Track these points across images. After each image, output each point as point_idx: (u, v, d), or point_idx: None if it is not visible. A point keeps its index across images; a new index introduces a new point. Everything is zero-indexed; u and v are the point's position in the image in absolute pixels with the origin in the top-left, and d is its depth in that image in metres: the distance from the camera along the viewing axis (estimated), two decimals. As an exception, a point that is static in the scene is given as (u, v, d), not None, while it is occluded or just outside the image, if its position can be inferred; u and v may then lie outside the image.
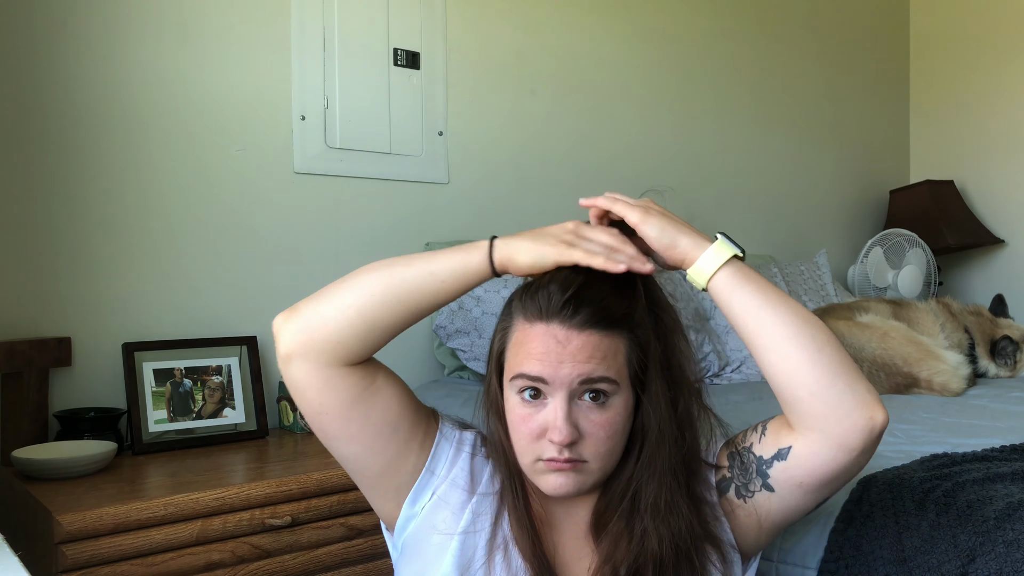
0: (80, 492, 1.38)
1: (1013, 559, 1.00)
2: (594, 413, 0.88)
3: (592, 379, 0.87)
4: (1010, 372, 2.37)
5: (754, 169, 3.02)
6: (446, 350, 2.15)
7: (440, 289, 0.91)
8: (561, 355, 0.86)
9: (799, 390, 0.86)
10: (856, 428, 0.85)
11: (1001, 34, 3.26)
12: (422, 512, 0.96)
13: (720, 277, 0.89)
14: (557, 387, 0.87)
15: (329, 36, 2.06)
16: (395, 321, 0.91)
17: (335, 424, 0.93)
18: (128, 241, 1.80)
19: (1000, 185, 3.27)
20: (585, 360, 0.86)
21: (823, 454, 0.87)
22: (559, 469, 0.88)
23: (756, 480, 0.93)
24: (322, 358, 0.90)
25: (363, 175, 2.12)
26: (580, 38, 2.54)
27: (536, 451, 0.89)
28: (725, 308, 0.90)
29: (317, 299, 0.92)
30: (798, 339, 0.87)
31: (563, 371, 0.86)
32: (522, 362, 0.88)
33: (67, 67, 1.73)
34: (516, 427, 0.90)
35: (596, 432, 0.88)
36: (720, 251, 0.90)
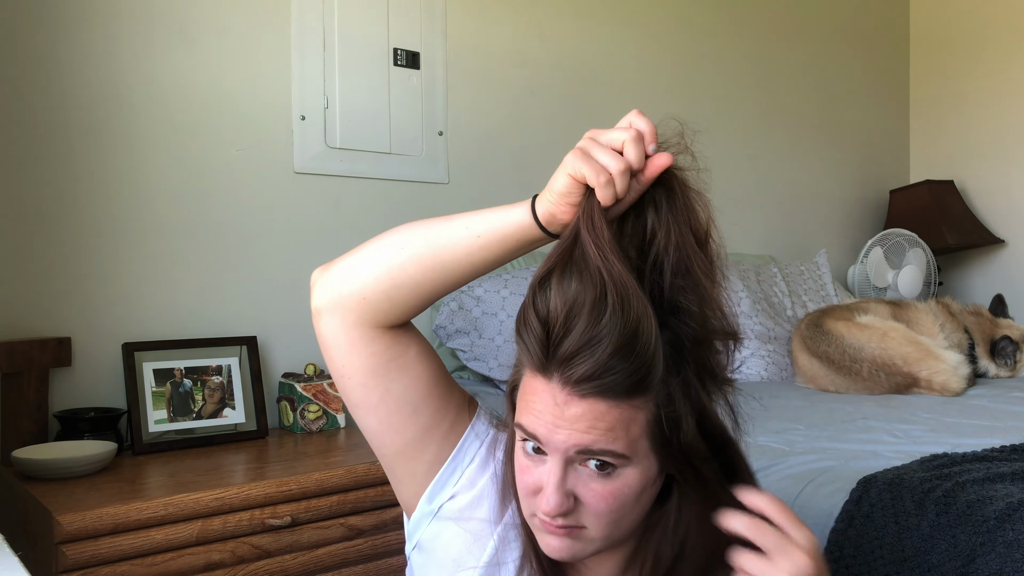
0: (80, 492, 1.38)
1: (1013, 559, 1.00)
2: (596, 483, 0.75)
3: (592, 451, 0.74)
4: (1010, 372, 2.37)
5: (754, 169, 3.02)
6: (446, 350, 2.15)
7: (476, 245, 0.81)
8: (557, 420, 0.74)
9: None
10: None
11: (1001, 34, 3.26)
12: (439, 512, 0.88)
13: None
14: (552, 451, 0.75)
15: (329, 36, 2.06)
16: (424, 280, 0.82)
17: (357, 390, 0.86)
18: (128, 241, 1.80)
19: (1000, 185, 3.27)
20: (584, 431, 0.73)
21: None
22: (552, 532, 0.77)
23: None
24: (350, 316, 0.84)
25: (363, 175, 2.12)
26: (580, 38, 2.54)
27: (532, 507, 0.79)
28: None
29: (352, 253, 0.86)
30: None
31: (558, 437, 0.74)
32: (523, 412, 0.78)
33: (66, 67, 1.73)
34: (518, 476, 0.81)
35: (597, 503, 0.76)
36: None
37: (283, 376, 1.94)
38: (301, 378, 1.91)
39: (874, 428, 1.64)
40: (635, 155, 0.77)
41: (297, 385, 1.86)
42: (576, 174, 0.76)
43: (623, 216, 0.79)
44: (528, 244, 0.82)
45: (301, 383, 1.87)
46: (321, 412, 1.86)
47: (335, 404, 1.89)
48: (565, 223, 0.79)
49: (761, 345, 2.36)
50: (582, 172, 0.75)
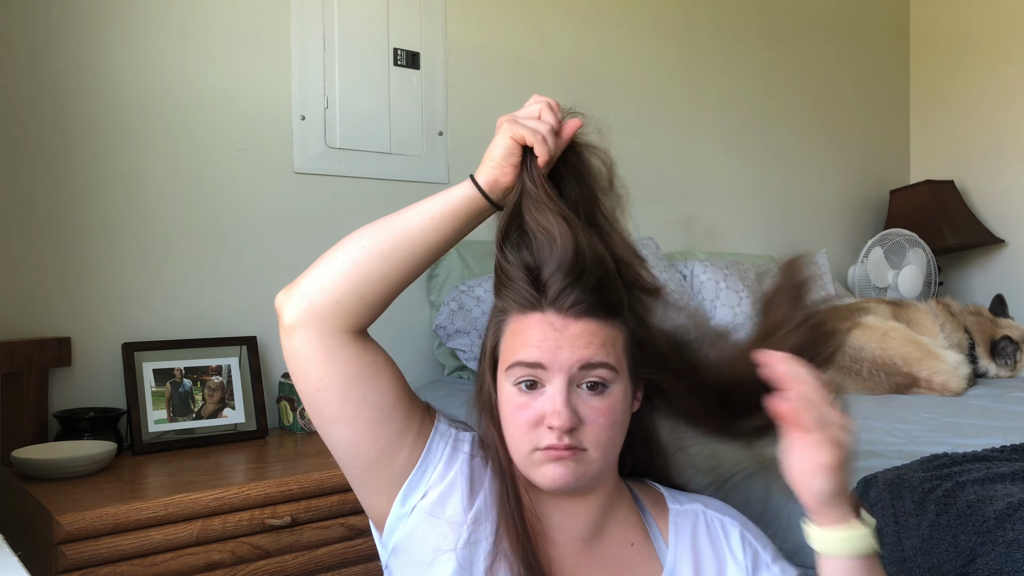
0: (80, 492, 1.38)
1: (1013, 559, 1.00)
2: (593, 400, 0.87)
3: (592, 364, 0.86)
4: (1010, 372, 2.37)
5: (754, 169, 3.02)
6: (446, 350, 2.15)
7: (430, 226, 0.91)
8: (559, 341, 0.86)
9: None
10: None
11: (1001, 34, 3.26)
12: (413, 512, 0.91)
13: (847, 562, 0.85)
14: (556, 372, 0.86)
15: (329, 36, 2.06)
16: (391, 270, 0.90)
17: (333, 403, 0.89)
18: (128, 241, 1.80)
19: (1000, 185, 3.27)
20: (584, 346, 0.86)
21: None
22: (559, 458, 0.86)
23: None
24: (324, 325, 0.88)
25: (363, 175, 2.12)
26: (580, 38, 2.54)
27: (533, 440, 0.87)
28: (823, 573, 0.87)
29: (313, 267, 0.92)
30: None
31: (562, 356, 0.85)
32: (518, 350, 0.87)
33: (67, 67, 1.73)
34: (512, 417, 0.88)
35: (596, 419, 0.87)
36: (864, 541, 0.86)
37: (283, 376, 1.94)
38: (301, 378, 1.90)
39: (874, 428, 1.64)
40: (554, 118, 0.92)
41: (297, 385, 1.86)
42: (516, 136, 0.90)
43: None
44: (476, 215, 0.92)
45: (301, 383, 1.87)
46: (321, 412, 1.86)
47: (335, 404, 1.89)
48: (506, 187, 0.91)
49: (761, 345, 2.36)
50: (521, 134, 0.89)
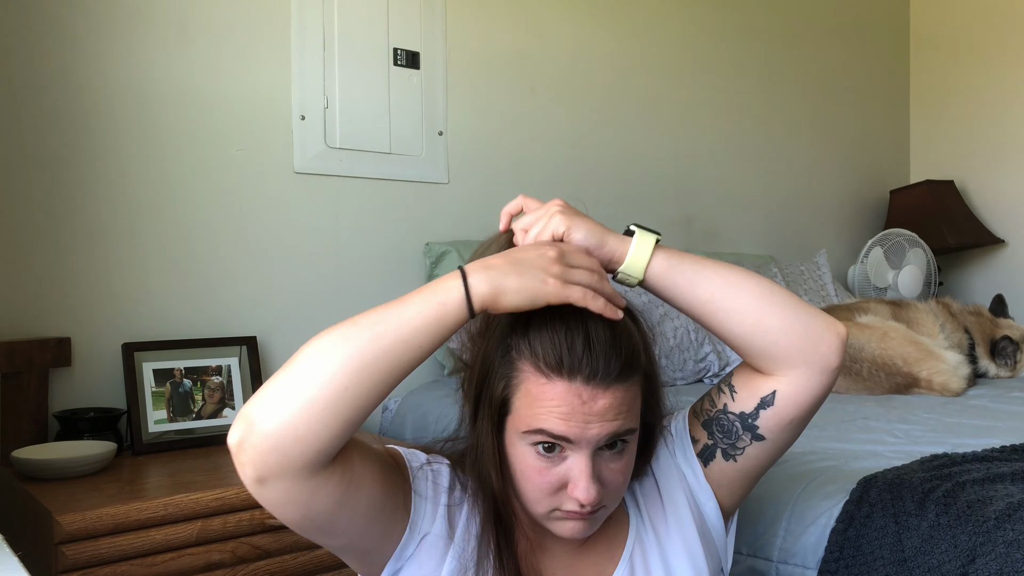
0: (80, 492, 1.38)
1: (1013, 559, 1.00)
2: (614, 462, 0.86)
3: (618, 434, 0.84)
4: (1010, 372, 2.37)
5: (754, 169, 3.02)
6: (446, 350, 2.15)
7: (416, 355, 0.79)
8: (588, 416, 0.81)
9: (771, 335, 0.88)
10: (832, 348, 0.89)
11: (1001, 34, 3.26)
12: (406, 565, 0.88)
13: (656, 264, 0.89)
14: (583, 446, 0.83)
15: (329, 36, 2.06)
16: (371, 404, 0.78)
17: (322, 529, 0.82)
18: (128, 241, 1.80)
19: (1000, 185, 3.27)
20: (612, 419, 0.82)
21: (810, 384, 0.90)
22: (580, 519, 0.86)
23: (744, 436, 0.94)
24: (302, 472, 0.76)
25: (363, 175, 2.12)
26: (580, 38, 2.54)
27: (554, 503, 0.85)
28: (668, 291, 0.90)
29: (276, 404, 0.75)
30: (750, 292, 0.88)
31: (591, 432, 0.82)
32: (541, 418, 0.82)
33: (66, 67, 1.73)
34: (529, 478, 0.85)
35: (615, 479, 0.87)
36: (645, 240, 0.89)
37: (283, 376, 1.93)
38: (301, 378, 1.90)
39: (874, 428, 1.64)
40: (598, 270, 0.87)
41: (297, 385, 1.86)
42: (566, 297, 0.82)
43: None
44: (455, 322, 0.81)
45: (301, 383, 1.87)
46: (321, 412, 1.86)
47: (335, 404, 1.89)
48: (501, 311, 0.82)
49: (761, 345, 2.36)
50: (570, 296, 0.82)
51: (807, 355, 0.89)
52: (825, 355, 0.89)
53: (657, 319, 2.18)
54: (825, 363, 0.89)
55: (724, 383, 0.96)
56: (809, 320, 0.89)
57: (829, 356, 0.89)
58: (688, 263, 0.89)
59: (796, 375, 0.90)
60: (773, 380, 0.91)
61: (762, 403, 0.92)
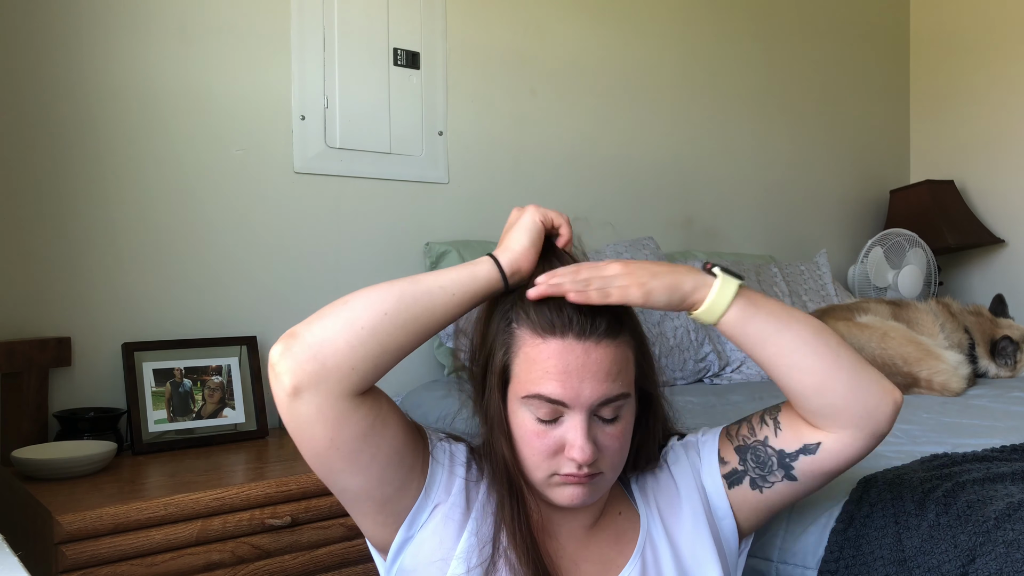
0: (80, 492, 1.38)
1: (1013, 559, 1.00)
2: (609, 427, 0.90)
3: (610, 398, 0.88)
4: (1010, 372, 2.37)
5: (754, 169, 3.02)
6: (446, 350, 2.15)
7: (451, 303, 0.88)
8: (582, 374, 0.86)
9: (831, 398, 0.89)
10: (886, 417, 0.91)
11: (1001, 34, 3.26)
12: (418, 534, 0.92)
13: (732, 314, 0.89)
14: (578, 408, 0.87)
15: (329, 36, 2.06)
16: (407, 342, 0.87)
17: (344, 459, 0.86)
18: (128, 241, 1.80)
19: (1000, 185, 3.27)
20: (603, 379, 0.87)
21: (857, 445, 0.92)
22: (578, 483, 0.89)
23: (778, 472, 0.96)
24: (336, 388, 0.83)
25: (363, 175, 2.12)
26: (580, 38, 2.54)
27: (552, 467, 0.89)
28: (738, 340, 0.91)
29: (321, 322, 0.84)
30: (817, 352, 0.89)
31: (584, 393, 0.86)
32: (538, 382, 0.87)
33: (66, 67, 1.73)
34: (528, 442, 0.89)
35: (611, 444, 0.90)
36: (726, 288, 0.89)
37: (283, 376, 1.93)
38: (301, 378, 1.90)
39: (874, 428, 1.64)
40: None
41: (297, 385, 1.86)
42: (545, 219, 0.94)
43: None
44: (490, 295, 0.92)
45: (301, 383, 1.87)
46: (321, 412, 1.86)
47: (335, 404, 1.89)
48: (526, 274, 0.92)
49: (761, 345, 2.36)
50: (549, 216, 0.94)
51: (862, 421, 0.90)
52: (879, 423, 0.91)
53: (657, 319, 2.18)
54: (878, 430, 0.91)
55: (769, 415, 0.98)
56: (870, 387, 0.90)
57: (883, 424, 0.91)
58: (762, 316, 0.90)
59: (847, 435, 0.91)
60: (822, 433, 0.93)
61: (805, 449, 0.94)
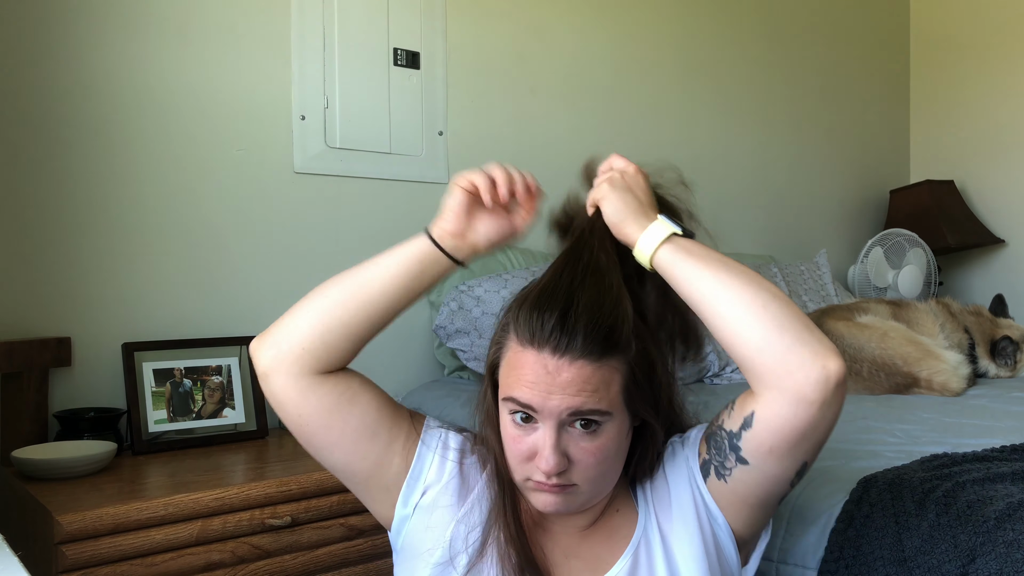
0: (80, 492, 1.38)
1: (1013, 559, 1.00)
2: (584, 440, 0.88)
3: (581, 411, 0.86)
4: (1010, 372, 2.37)
5: (754, 169, 3.02)
6: (446, 350, 2.15)
7: (387, 277, 0.94)
8: (551, 386, 0.85)
9: (747, 347, 0.86)
10: (809, 379, 0.83)
11: (1001, 34, 3.26)
12: (415, 512, 0.97)
13: (661, 254, 0.92)
14: (546, 416, 0.87)
15: (329, 36, 2.06)
16: (351, 320, 0.94)
17: (317, 433, 0.95)
18: (128, 241, 1.80)
19: (1000, 185, 3.27)
20: (575, 393, 0.85)
21: (783, 412, 0.85)
22: (550, 491, 0.89)
23: (730, 456, 0.91)
24: (294, 368, 0.93)
25: (363, 175, 2.12)
26: (580, 38, 2.54)
27: (526, 471, 0.90)
28: (672, 283, 0.92)
29: (283, 316, 0.96)
30: (742, 300, 0.87)
31: (551, 403, 0.85)
32: (512, 386, 0.88)
33: (66, 67, 1.73)
34: (508, 445, 0.91)
35: (586, 459, 0.88)
36: (659, 230, 0.93)
37: (283, 376, 1.93)
38: (301, 378, 1.90)
39: (874, 428, 1.64)
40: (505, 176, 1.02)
41: (297, 385, 1.86)
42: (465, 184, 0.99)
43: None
44: (432, 268, 0.96)
45: (301, 383, 1.87)
46: (321, 412, 1.86)
47: (335, 404, 1.89)
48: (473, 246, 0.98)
49: (761, 345, 2.36)
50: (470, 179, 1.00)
51: (780, 378, 0.84)
52: (799, 384, 0.83)
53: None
54: (798, 393, 0.84)
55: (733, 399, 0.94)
56: (794, 343, 0.84)
57: (804, 387, 0.83)
58: (692, 260, 0.90)
59: (771, 398, 0.86)
60: (754, 401, 0.88)
61: (744, 423, 0.89)
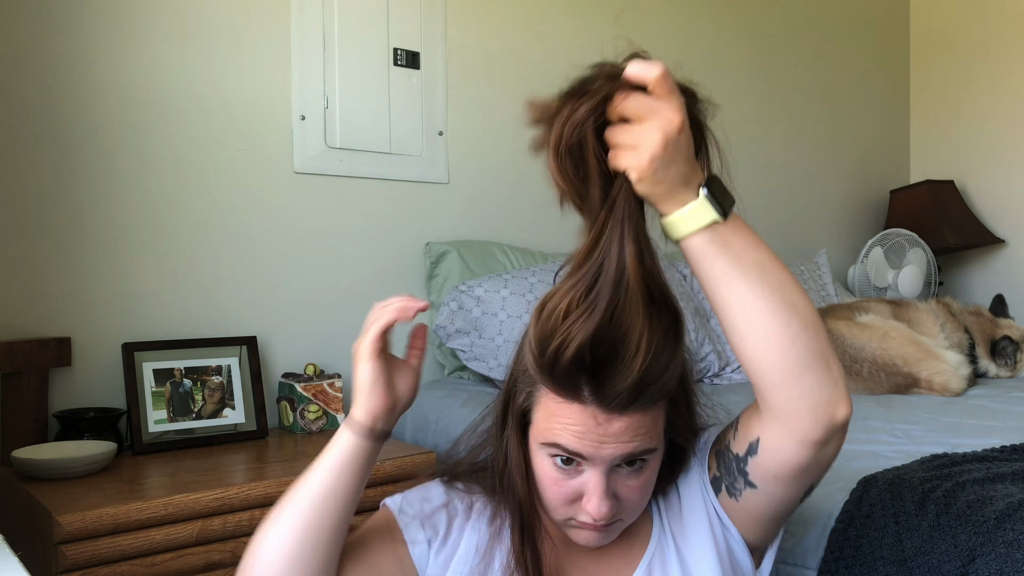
0: (80, 492, 1.38)
1: (1013, 559, 1.00)
2: (631, 479, 0.84)
3: (635, 455, 0.82)
4: (1010, 372, 2.37)
5: (754, 169, 3.02)
6: (446, 350, 2.15)
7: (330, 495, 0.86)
8: (602, 437, 0.79)
9: (764, 379, 0.78)
10: (818, 425, 0.79)
11: (1001, 34, 3.26)
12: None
13: (695, 242, 0.76)
14: (597, 464, 0.82)
15: (329, 36, 2.06)
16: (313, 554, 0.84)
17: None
18: (128, 241, 1.80)
19: (1000, 185, 3.27)
20: (628, 440, 0.80)
21: (787, 447, 0.81)
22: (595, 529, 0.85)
23: (739, 479, 0.88)
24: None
25: (363, 175, 2.12)
26: (580, 38, 2.54)
27: (569, 512, 0.86)
28: (697, 273, 0.79)
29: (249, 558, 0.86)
30: (771, 328, 0.76)
31: (605, 451, 0.80)
32: (557, 433, 0.81)
33: (67, 67, 1.73)
34: (547, 488, 0.86)
35: (632, 496, 0.85)
36: (700, 213, 0.76)
37: (283, 376, 1.94)
38: (301, 378, 1.91)
39: (874, 428, 1.64)
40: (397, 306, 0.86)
41: (297, 385, 1.86)
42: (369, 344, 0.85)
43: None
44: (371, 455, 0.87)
45: (301, 383, 1.87)
46: (321, 412, 1.86)
47: (335, 404, 1.89)
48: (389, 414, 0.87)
49: (761, 345, 2.36)
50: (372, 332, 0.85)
51: (788, 418, 0.79)
52: (806, 428, 0.79)
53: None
54: (804, 435, 0.79)
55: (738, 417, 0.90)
56: (812, 389, 0.78)
57: (811, 432, 0.79)
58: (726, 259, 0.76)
59: (777, 431, 0.81)
60: (761, 425, 0.83)
61: (750, 449, 0.85)
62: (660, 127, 0.73)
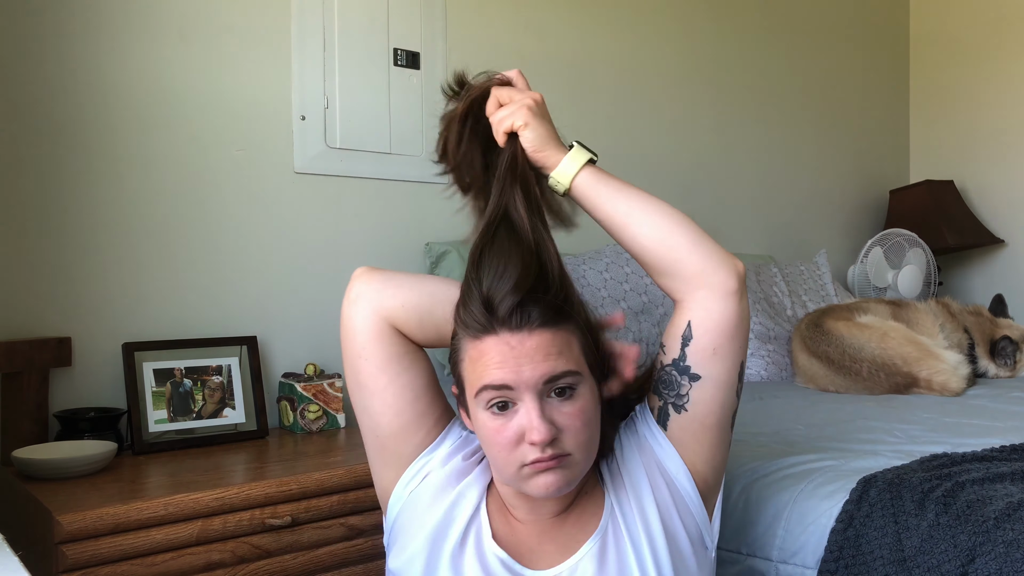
0: (80, 492, 1.38)
1: (1013, 559, 1.00)
2: (565, 406, 0.91)
3: (555, 376, 0.90)
4: (1010, 372, 2.37)
5: (754, 169, 3.02)
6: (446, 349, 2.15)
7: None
8: (519, 359, 0.89)
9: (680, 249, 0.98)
10: (731, 274, 0.99)
11: (1001, 34, 3.26)
12: (407, 495, 1.04)
13: (582, 179, 1.02)
14: (523, 390, 0.90)
15: (329, 36, 2.06)
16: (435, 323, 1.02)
17: (371, 372, 1.02)
18: (128, 241, 1.80)
19: (1000, 185, 3.27)
20: (543, 359, 0.89)
21: (715, 307, 0.98)
22: (547, 468, 0.90)
23: (683, 381, 1.01)
24: (383, 311, 1.02)
25: (363, 175, 2.12)
26: (581, 38, 2.54)
27: (518, 458, 0.91)
28: (590, 202, 1.02)
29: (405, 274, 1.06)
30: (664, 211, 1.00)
31: (524, 373, 0.89)
32: (481, 376, 0.91)
33: (67, 67, 1.73)
34: (491, 440, 0.93)
35: (572, 423, 0.91)
36: (577, 156, 1.03)
37: (283, 376, 1.94)
38: (301, 378, 1.91)
39: (874, 428, 1.65)
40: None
41: (297, 385, 1.86)
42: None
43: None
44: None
45: (301, 383, 1.87)
46: (321, 412, 1.87)
47: (335, 404, 1.89)
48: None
49: (761, 345, 2.36)
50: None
51: (708, 276, 0.98)
52: (724, 279, 0.98)
53: (657, 319, 2.18)
54: (725, 286, 0.98)
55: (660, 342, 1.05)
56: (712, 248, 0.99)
57: (728, 280, 0.98)
58: (611, 182, 1.03)
59: (701, 298, 0.98)
60: (685, 313, 1.00)
61: (684, 341, 1.00)
62: (528, 96, 1.07)
